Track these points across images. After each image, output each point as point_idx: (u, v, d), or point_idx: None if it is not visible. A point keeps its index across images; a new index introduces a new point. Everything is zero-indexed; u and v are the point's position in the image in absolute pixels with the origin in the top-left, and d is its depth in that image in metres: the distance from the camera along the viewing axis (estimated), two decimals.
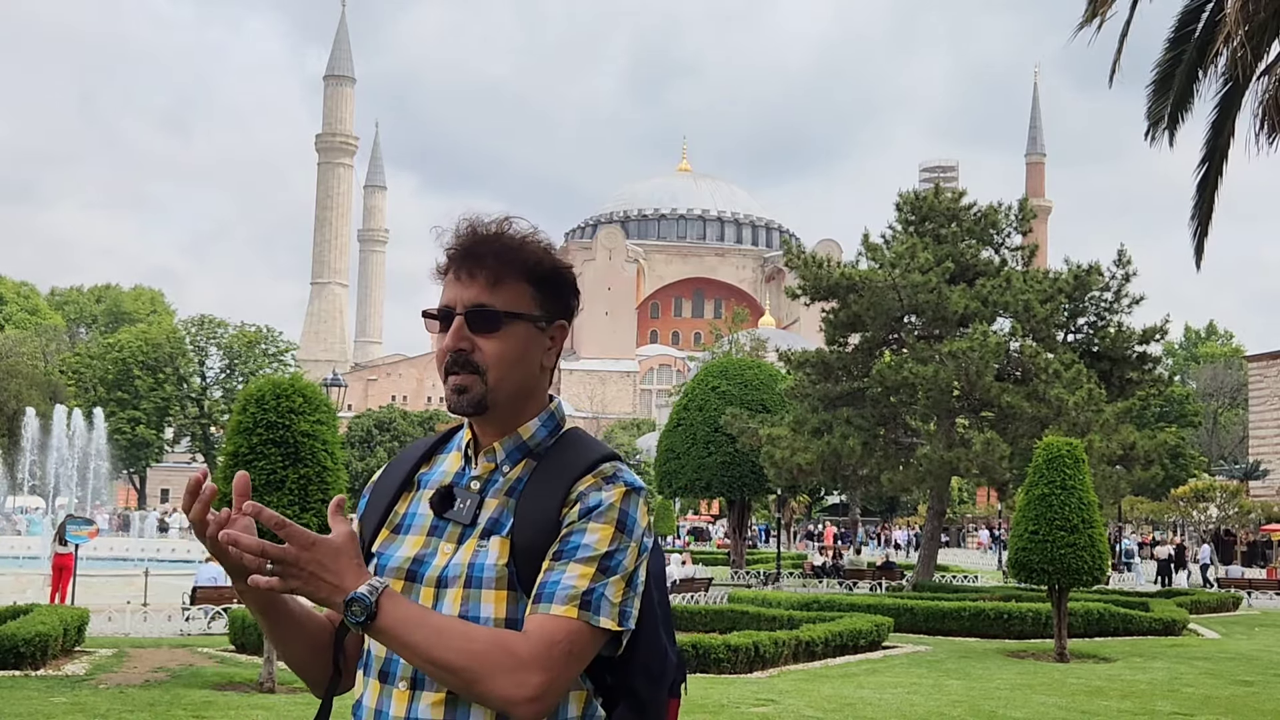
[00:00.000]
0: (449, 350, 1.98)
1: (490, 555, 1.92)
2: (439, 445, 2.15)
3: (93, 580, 23.00)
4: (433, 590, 1.94)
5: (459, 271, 2.00)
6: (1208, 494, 47.02)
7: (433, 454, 2.14)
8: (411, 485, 2.09)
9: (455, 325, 1.98)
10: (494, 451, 2.03)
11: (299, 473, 11.51)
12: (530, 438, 2.03)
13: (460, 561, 1.94)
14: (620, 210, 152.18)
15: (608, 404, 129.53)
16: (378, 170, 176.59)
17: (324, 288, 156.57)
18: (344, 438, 67.48)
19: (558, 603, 1.85)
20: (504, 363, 1.99)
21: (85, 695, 10.93)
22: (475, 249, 2.00)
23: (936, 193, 29.55)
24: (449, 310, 2.00)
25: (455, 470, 2.07)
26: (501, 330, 1.98)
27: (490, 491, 2.00)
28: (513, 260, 2.01)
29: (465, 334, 1.98)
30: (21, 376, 64.72)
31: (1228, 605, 27.21)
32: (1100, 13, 12.17)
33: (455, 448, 2.12)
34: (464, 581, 1.92)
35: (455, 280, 2.01)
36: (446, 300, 2.02)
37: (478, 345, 1.98)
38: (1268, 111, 11.98)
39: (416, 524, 2.03)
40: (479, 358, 1.98)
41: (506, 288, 1.99)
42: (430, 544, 1.99)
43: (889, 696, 12.40)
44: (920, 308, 26.98)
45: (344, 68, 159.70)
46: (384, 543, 2.04)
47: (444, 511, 1.99)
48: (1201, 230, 13.92)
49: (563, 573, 1.87)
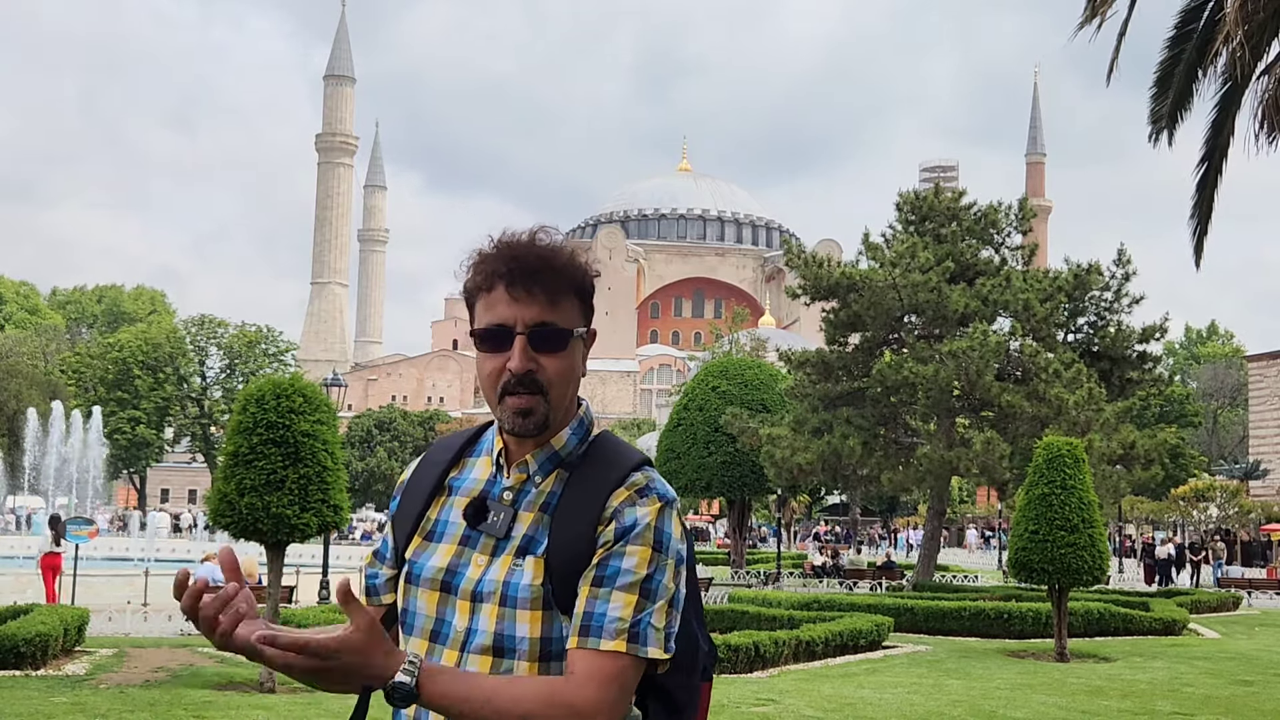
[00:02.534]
0: (517, 371, 1.93)
1: (525, 575, 1.91)
2: (467, 446, 2.12)
3: (93, 580, 22.99)
4: (468, 604, 1.93)
5: (513, 289, 1.94)
6: (1208, 494, 47.04)
7: (461, 455, 2.11)
8: (443, 490, 2.07)
9: (519, 345, 1.93)
10: (526, 464, 2.00)
11: (299, 473, 11.51)
12: (562, 448, 2.01)
13: (495, 578, 1.92)
14: (620, 210, 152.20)
15: (608, 404, 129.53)
16: (378, 170, 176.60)
17: (324, 288, 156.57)
18: (344, 438, 67.48)
19: (606, 637, 1.83)
20: (565, 381, 1.97)
21: (85, 695, 10.93)
22: (531, 265, 1.95)
23: (936, 192, 29.56)
24: (507, 329, 1.94)
25: (486, 477, 2.04)
26: (566, 349, 1.96)
27: (523, 504, 1.98)
28: (566, 276, 1.98)
29: (530, 354, 1.93)
30: (21, 376, 64.75)
31: (1228, 605, 27.22)
32: (1100, 12, 12.17)
33: (485, 451, 2.09)
34: (499, 599, 1.90)
35: (510, 298, 1.94)
36: (501, 318, 1.95)
37: (541, 364, 1.94)
38: (1267, 111, 11.97)
39: (449, 532, 2.01)
40: (543, 376, 1.94)
41: (563, 304, 1.96)
42: (463, 554, 1.97)
43: (889, 696, 12.40)
44: (920, 307, 26.98)
45: (344, 67, 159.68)
46: (417, 550, 2.02)
47: (478, 524, 1.97)
48: (1201, 230, 13.92)
49: (607, 603, 1.85)
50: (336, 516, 11.94)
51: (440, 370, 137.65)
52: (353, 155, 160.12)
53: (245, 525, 11.51)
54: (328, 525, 12.17)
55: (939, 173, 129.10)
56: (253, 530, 11.53)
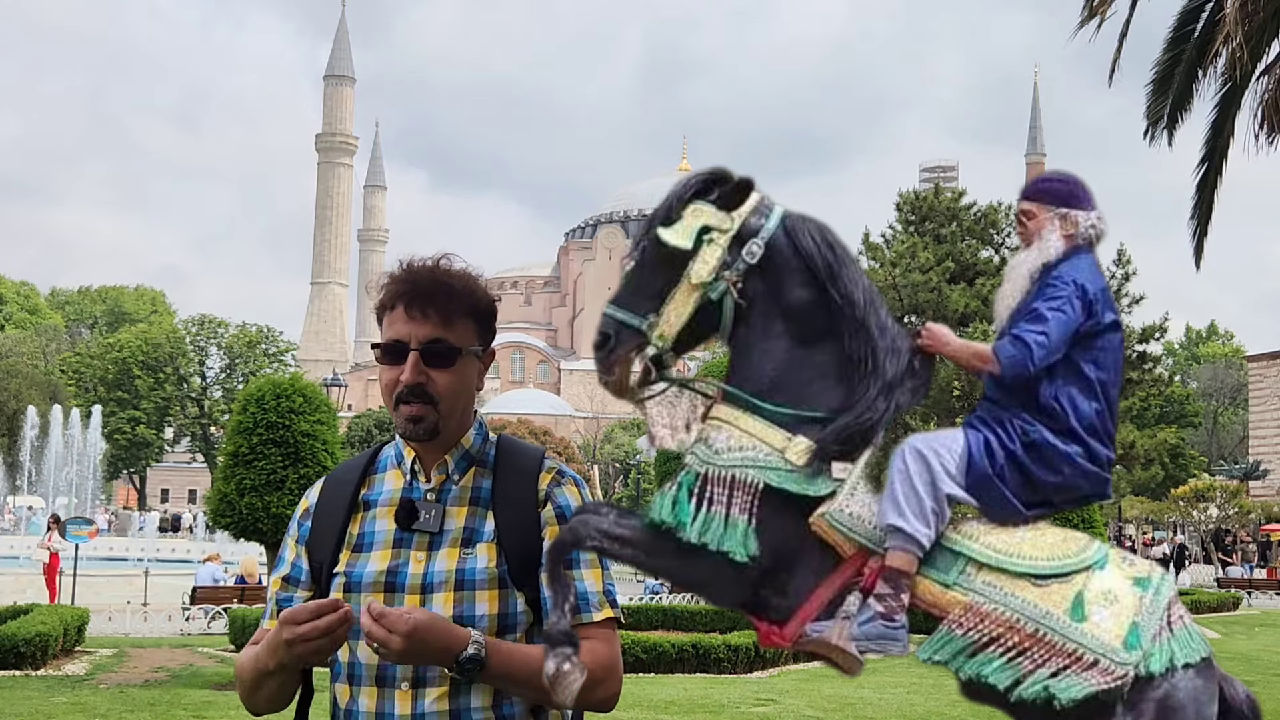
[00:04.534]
0: (408, 383, 2.12)
1: (480, 560, 2.11)
2: (369, 466, 2.28)
3: (93, 580, 22.99)
4: (417, 596, 2.10)
5: (410, 309, 2.14)
6: (1208, 494, 47.02)
7: (366, 475, 2.26)
8: (358, 506, 2.22)
9: (412, 360, 2.12)
10: (445, 464, 2.19)
11: (299, 473, 11.52)
12: (471, 447, 2.21)
13: (444, 568, 2.11)
14: (620, 210, 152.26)
15: (607, 404, 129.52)
16: (378, 170, 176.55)
17: (324, 288, 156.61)
18: (344, 438, 67.37)
19: (595, 609, 2.14)
20: (455, 393, 2.15)
21: (85, 695, 10.93)
22: (426, 288, 2.15)
23: (936, 193, 29.60)
24: (402, 345, 2.14)
25: (400, 487, 2.21)
26: (455, 365, 2.14)
27: (449, 500, 2.16)
28: (461, 299, 2.16)
29: (422, 368, 2.12)
30: (21, 376, 64.73)
31: (1228, 605, 27.23)
32: (1100, 12, 12.17)
33: (390, 465, 2.26)
34: (453, 585, 2.09)
35: (407, 317, 2.14)
36: (398, 335, 2.15)
37: (432, 378, 2.13)
38: (1267, 111, 11.98)
39: (379, 540, 2.17)
40: (433, 389, 2.13)
41: (456, 324, 2.15)
42: (400, 555, 2.14)
43: (889, 696, 12.40)
44: (920, 307, 27.00)
45: (344, 67, 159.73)
46: (349, 561, 2.17)
47: (410, 524, 2.11)
48: (1201, 230, 13.92)
49: (584, 583, 2.15)
50: None
51: None
52: (353, 155, 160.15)
53: (245, 525, 11.52)
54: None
55: (939, 173, 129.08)
56: (253, 530, 11.53)
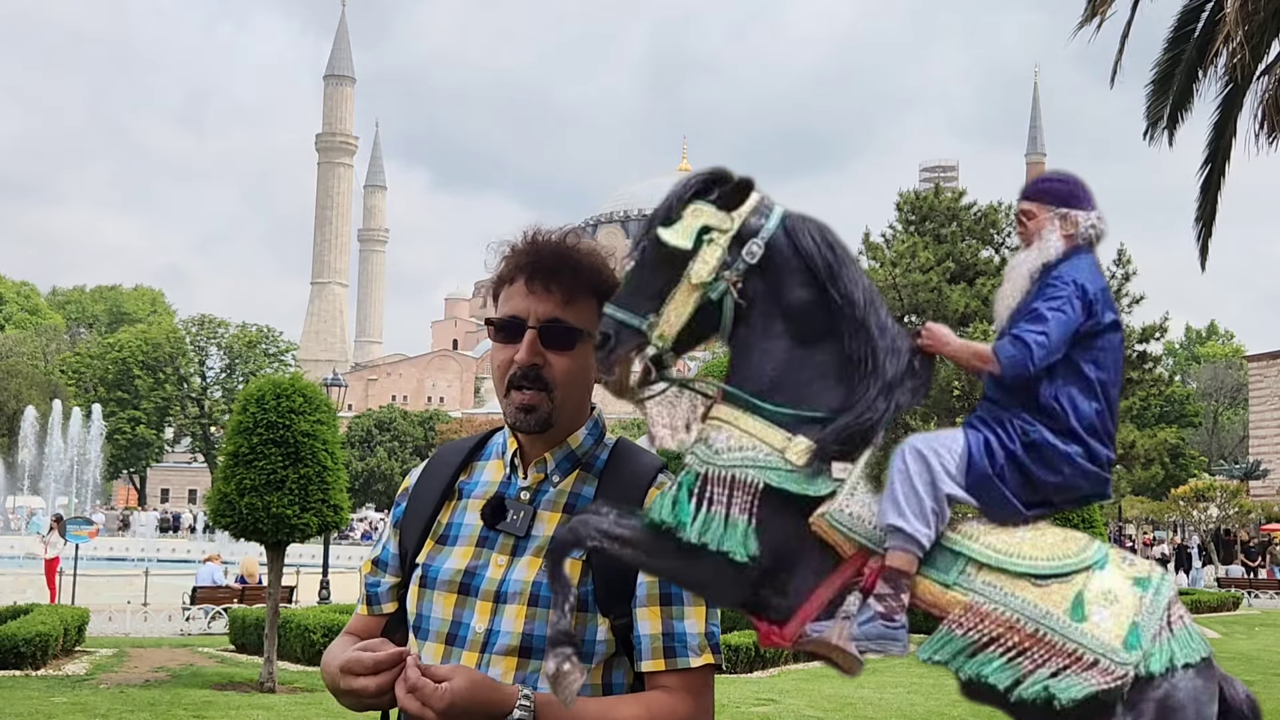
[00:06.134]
0: (523, 364, 1.94)
1: None
2: (475, 451, 2.12)
3: (93, 580, 22.99)
4: (490, 605, 1.93)
5: (531, 283, 1.96)
6: (1208, 494, 46.98)
7: (470, 460, 2.11)
8: (453, 494, 2.06)
9: (529, 339, 1.94)
10: (544, 462, 2.01)
11: (299, 473, 11.52)
12: (579, 447, 2.04)
13: (521, 578, 1.93)
14: (620, 210, 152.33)
15: (608, 404, 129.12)
16: (378, 170, 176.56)
17: (324, 288, 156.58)
18: (344, 438, 67.43)
19: (693, 654, 1.94)
20: (572, 381, 1.98)
21: (86, 695, 10.93)
22: (550, 262, 1.97)
23: (937, 192, 29.61)
24: (519, 322, 1.96)
25: (499, 480, 2.04)
26: (575, 349, 1.96)
27: (543, 503, 1.99)
28: (587, 277, 1.99)
29: (539, 348, 1.94)
30: (21, 376, 64.75)
31: (1228, 605, 27.21)
32: (1100, 12, 12.17)
33: (494, 455, 2.09)
34: (527, 599, 1.91)
35: (527, 292, 1.96)
36: (515, 310, 1.97)
37: (549, 361, 1.95)
38: (1268, 111, 11.98)
39: (464, 534, 2.01)
40: (549, 374, 1.95)
41: (579, 304, 1.98)
42: (481, 555, 1.97)
43: (889, 696, 12.40)
44: (920, 307, 27.01)
45: (344, 67, 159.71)
46: (430, 553, 2.01)
47: (496, 523, 1.97)
48: (1205, 231, 13.92)
49: (684, 621, 1.95)
50: (337, 516, 11.94)
51: (440, 370, 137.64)
52: (353, 155, 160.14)
53: (245, 525, 11.51)
54: (328, 525, 12.18)
55: (939, 173, 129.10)
56: (253, 530, 11.53)
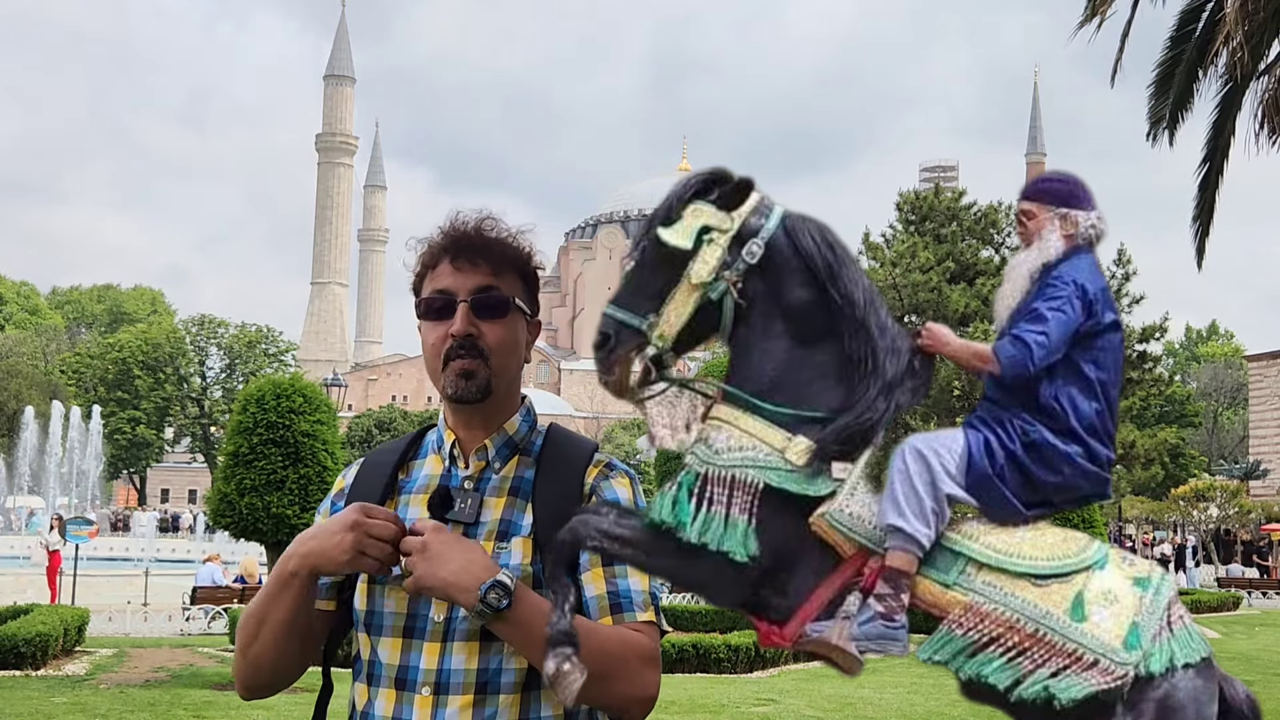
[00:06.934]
0: (459, 335, 1.98)
1: (514, 556, 1.96)
2: (409, 449, 2.15)
3: (93, 580, 23.01)
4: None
5: (458, 261, 2.02)
6: (1208, 494, 46.99)
7: (405, 459, 2.14)
8: (394, 492, 2.09)
9: (462, 310, 1.99)
10: (485, 449, 2.06)
11: (299, 473, 11.53)
12: (516, 433, 2.08)
13: None
14: (620, 210, 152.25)
15: (608, 404, 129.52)
16: (378, 170, 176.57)
17: (324, 288, 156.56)
18: (344, 438, 67.36)
19: (638, 610, 2.00)
20: (506, 349, 2.03)
21: (85, 695, 10.93)
22: (474, 239, 2.03)
23: (937, 192, 29.62)
24: (450, 296, 2.01)
25: (439, 473, 2.08)
26: (507, 316, 2.02)
27: (487, 489, 2.03)
28: (509, 252, 2.05)
29: (472, 319, 1.99)
30: (21, 376, 64.72)
31: (1228, 605, 27.21)
32: (1100, 12, 12.18)
33: (430, 451, 2.13)
34: None
35: (454, 270, 2.02)
36: (445, 287, 2.02)
37: (483, 330, 2.00)
38: (1268, 111, 11.98)
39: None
40: (484, 343, 2.00)
41: (505, 277, 2.04)
42: None
43: (889, 696, 12.40)
44: (920, 307, 27.01)
45: (344, 67, 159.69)
46: None
47: (445, 512, 1.98)
48: (1203, 230, 13.92)
49: (627, 580, 2.01)
50: None
51: None
52: (353, 155, 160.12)
53: (245, 525, 11.52)
54: None
55: (939, 173, 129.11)
56: (253, 530, 11.54)
